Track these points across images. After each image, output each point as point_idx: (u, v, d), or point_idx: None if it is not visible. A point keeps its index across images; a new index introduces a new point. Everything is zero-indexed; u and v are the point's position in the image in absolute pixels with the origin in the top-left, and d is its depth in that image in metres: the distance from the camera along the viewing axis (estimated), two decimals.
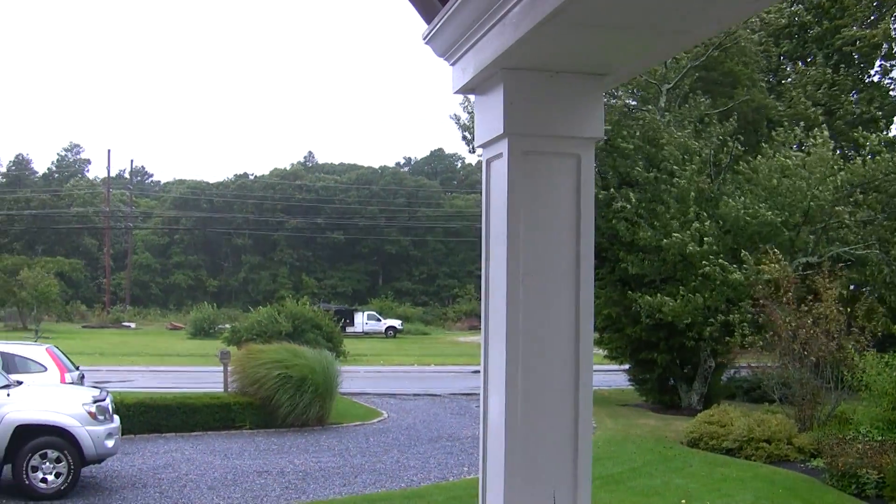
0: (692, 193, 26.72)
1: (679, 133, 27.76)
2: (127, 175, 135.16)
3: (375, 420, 26.95)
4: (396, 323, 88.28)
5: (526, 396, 3.83)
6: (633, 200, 27.11)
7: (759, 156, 27.99)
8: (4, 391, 16.26)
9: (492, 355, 3.99)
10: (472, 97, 4.46)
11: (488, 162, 4.13)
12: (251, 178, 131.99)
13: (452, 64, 4.33)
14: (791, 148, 29.12)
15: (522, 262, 3.83)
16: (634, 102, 31.18)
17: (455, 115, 34.94)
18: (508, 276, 3.83)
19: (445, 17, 4.05)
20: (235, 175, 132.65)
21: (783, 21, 36.65)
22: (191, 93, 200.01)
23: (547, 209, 3.90)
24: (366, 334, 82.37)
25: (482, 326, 4.15)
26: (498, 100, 3.94)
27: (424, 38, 4.39)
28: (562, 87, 3.95)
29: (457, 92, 4.43)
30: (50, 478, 15.95)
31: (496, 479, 3.91)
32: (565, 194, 3.94)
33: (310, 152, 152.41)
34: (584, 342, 3.95)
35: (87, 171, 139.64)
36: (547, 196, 3.91)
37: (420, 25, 4.44)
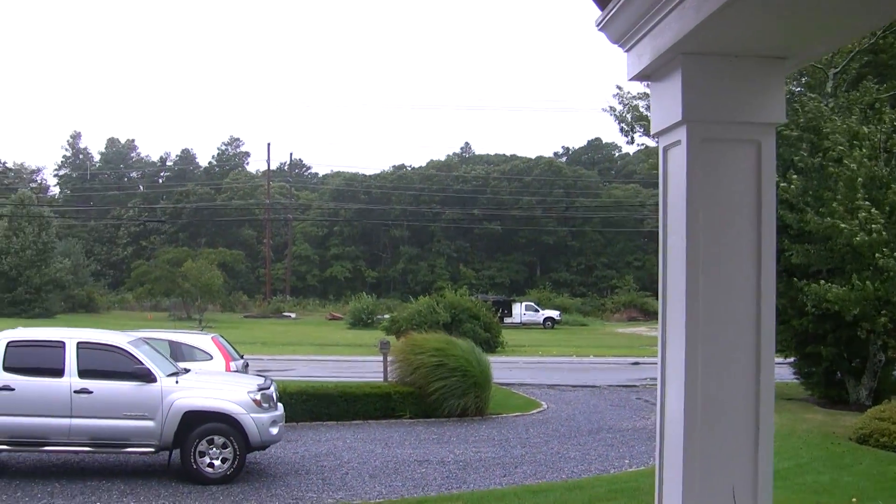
0: (859, 179, 25.84)
1: (846, 121, 26.85)
2: (286, 167, 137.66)
3: (535, 411, 26.87)
4: (554, 314, 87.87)
5: (705, 390, 3.74)
6: (797, 186, 26.36)
7: None
8: (173, 378, 16.67)
9: (670, 347, 3.92)
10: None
11: (665, 150, 4.04)
12: (409, 169, 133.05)
13: (627, 50, 4.26)
14: None
15: (702, 254, 3.74)
16: (799, 88, 30.32)
17: (610, 106, 34.48)
18: (688, 268, 3.75)
19: (621, 2, 3.99)
20: (393, 166, 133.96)
21: None
22: (348, 85, 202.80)
23: (727, 198, 3.80)
24: (524, 325, 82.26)
25: (659, 318, 4.08)
26: (676, 86, 3.86)
27: (598, 25, 4.33)
28: (741, 71, 3.85)
29: (632, 79, 4.35)
30: (217, 463, 16.30)
31: (674, 471, 3.83)
32: (745, 182, 3.84)
33: (466, 143, 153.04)
34: (766, 335, 3.84)
35: (247, 164, 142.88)
36: (727, 184, 3.81)
37: (591, 12, 4.38)
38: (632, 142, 36.00)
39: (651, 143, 34.55)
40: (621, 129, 33.86)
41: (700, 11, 3.43)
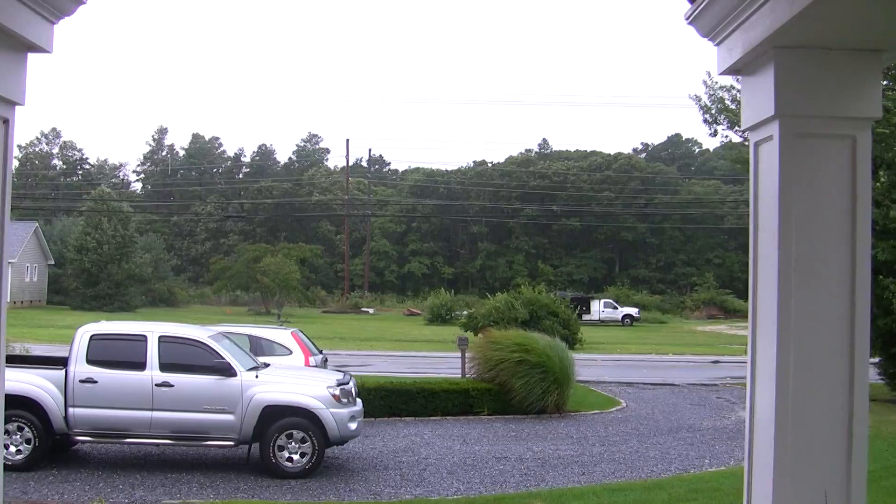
0: None
1: None
2: (365, 163, 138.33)
3: (614, 409, 26.68)
4: (633, 311, 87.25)
5: (797, 390, 3.65)
6: (884, 182, 25.86)
7: None
8: (253, 373, 16.80)
9: (760, 346, 3.83)
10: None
11: (756, 146, 3.95)
12: (488, 164, 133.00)
13: (717, 44, 4.17)
14: None
15: (794, 251, 3.65)
16: (886, 82, 29.73)
17: (696, 95, 34.00)
18: (780, 266, 3.65)
19: None
20: (472, 162, 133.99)
21: None
22: (427, 81, 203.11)
23: (820, 194, 3.70)
24: (602, 322, 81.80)
25: (750, 316, 3.99)
26: (768, 80, 3.76)
27: (687, 19, 4.24)
28: (836, 64, 3.74)
29: (722, 73, 4.26)
30: (295, 457, 16.40)
31: (764, 473, 3.75)
32: (840, 178, 3.73)
33: (544, 139, 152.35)
34: (860, 335, 3.74)
35: (326, 160, 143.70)
36: (820, 181, 3.71)
37: (676, 6, 4.30)
38: (715, 134, 35.44)
39: (735, 136, 34.11)
40: (705, 120, 33.39)
41: (794, 4, 3.34)
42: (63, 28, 3.85)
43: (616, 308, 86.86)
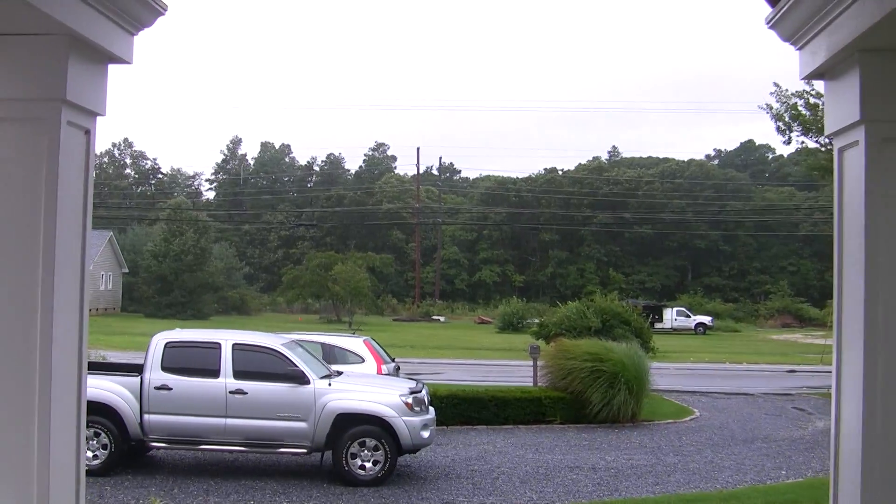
0: None
1: None
2: (435, 171, 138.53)
3: (687, 418, 26.41)
4: (706, 319, 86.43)
5: (886, 401, 3.55)
6: None
7: None
8: (326, 381, 16.86)
9: (847, 356, 3.73)
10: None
11: (840, 151, 3.86)
12: (559, 172, 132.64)
13: (799, 48, 4.09)
14: None
15: (882, 259, 3.55)
16: None
17: (767, 104, 33.65)
18: (867, 274, 3.56)
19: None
20: (543, 170, 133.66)
21: None
22: (497, 89, 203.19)
23: None
24: (674, 331, 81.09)
25: (835, 325, 3.89)
26: (853, 84, 3.67)
27: (768, 23, 4.17)
28: None
29: (805, 78, 4.17)
30: (368, 465, 16.42)
31: (851, 487, 3.65)
32: None
33: (614, 146, 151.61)
34: None
35: (395, 168, 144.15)
36: None
37: (751, 9, 4.23)
38: (788, 142, 35.09)
39: (810, 142, 33.65)
40: (777, 129, 33.01)
41: (882, 6, 3.25)
42: (141, 39, 3.89)
43: (689, 316, 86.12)
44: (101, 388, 16.29)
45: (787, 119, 32.73)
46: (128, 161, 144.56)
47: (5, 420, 3.39)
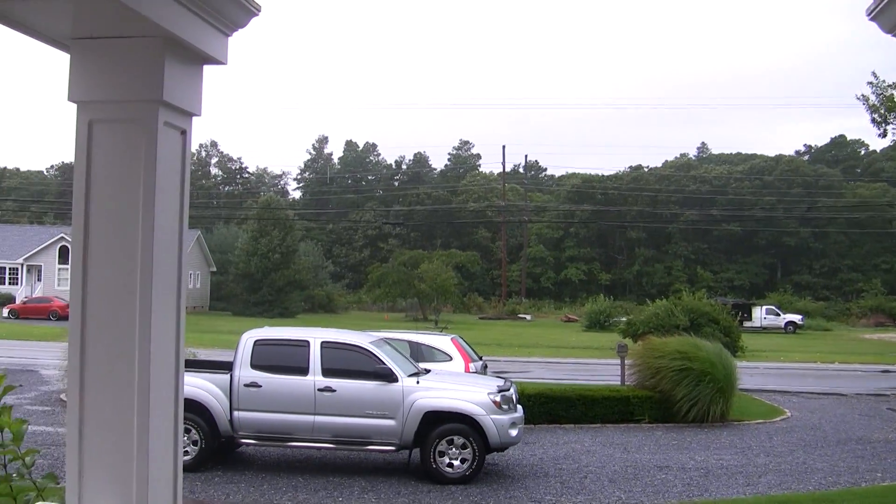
0: None
1: None
2: (521, 169, 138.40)
3: (778, 418, 26.01)
4: (796, 318, 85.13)
5: None
6: None
7: None
8: (414, 379, 16.89)
9: None
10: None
11: None
12: (645, 169, 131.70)
13: None
14: None
15: None
16: None
17: (863, 95, 32.97)
18: None
19: None
20: (629, 167, 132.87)
21: None
22: (582, 86, 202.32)
23: None
24: (764, 329, 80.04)
25: None
26: None
27: (869, 14, 4.06)
28: None
29: None
30: (456, 463, 16.42)
31: None
32: None
33: (703, 143, 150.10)
34: None
35: (480, 166, 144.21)
36: None
37: (850, 3, 4.12)
38: (884, 135, 34.38)
39: None
40: (873, 120, 32.36)
41: None
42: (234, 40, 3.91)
43: (778, 315, 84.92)
44: (192, 385, 16.49)
45: (882, 111, 32.11)
46: (213, 161, 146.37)
47: (106, 418, 3.44)
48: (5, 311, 73.43)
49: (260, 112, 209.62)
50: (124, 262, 3.44)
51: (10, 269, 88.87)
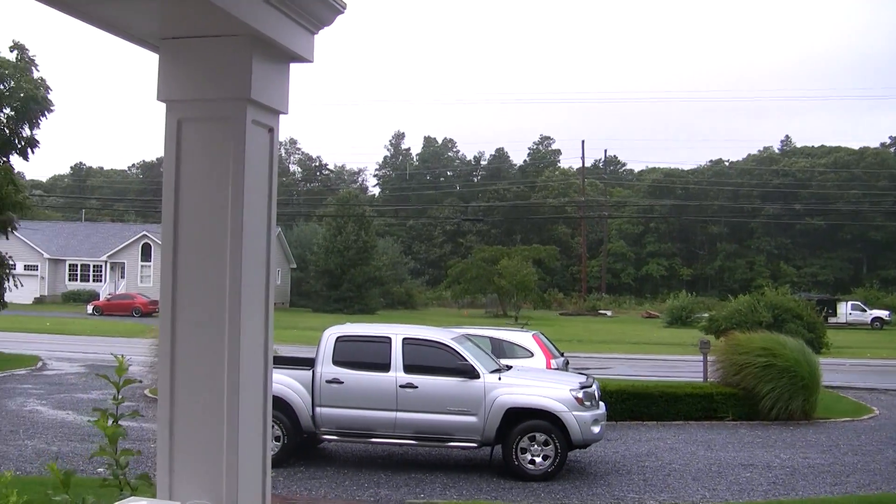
0: None
1: None
2: (601, 164, 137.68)
3: (866, 416, 25.53)
4: (883, 314, 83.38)
5: None
6: None
7: None
8: (495, 375, 16.86)
9: None
10: None
11: None
12: (726, 163, 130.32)
13: None
14: None
15: None
16: None
17: None
18: None
19: None
20: (710, 161, 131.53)
21: None
22: (660, 79, 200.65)
23: None
24: (849, 325, 78.72)
25: None
26: None
27: None
28: None
29: None
30: (538, 460, 16.36)
31: None
32: None
33: (787, 136, 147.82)
34: None
35: (560, 162, 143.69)
36: None
37: None
38: None
39: None
40: None
41: None
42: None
43: (864, 311, 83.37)
44: (275, 381, 16.42)
45: None
46: (293, 158, 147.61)
47: (196, 414, 3.47)
48: (90, 308, 74.87)
49: (336, 108, 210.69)
50: (214, 260, 3.46)
51: (94, 266, 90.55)
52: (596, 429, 16.62)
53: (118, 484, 4.21)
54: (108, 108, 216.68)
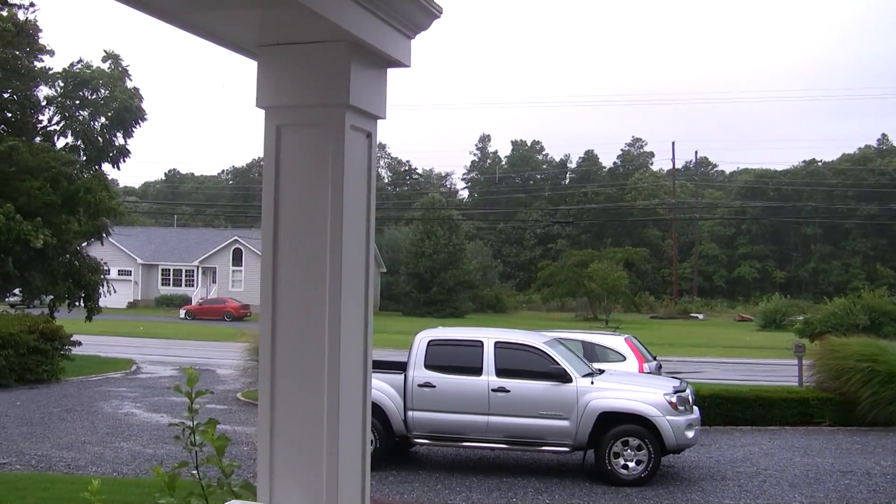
0: None
1: None
2: (691, 166, 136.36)
3: None
4: None
5: None
6: None
7: None
8: (588, 379, 16.79)
9: None
10: None
11: None
12: (820, 164, 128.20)
13: None
14: None
15: None
16: None
17: None
18: None
19: None
20: (803, 161, 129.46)
21: None
22: (752, 80, 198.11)
23: None
24: None
25: None
26: None
27: None
28: None
29: None
30: (631, 464, 16.25)
31: None
32: None
33: (883, 134, 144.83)
34: None
35: (651, 164, 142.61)
36: None
37: None
38: None
39: None
40: None
41: None
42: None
43: None
44: None
45: None
46: (382, 163, 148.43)
47: (296, 419, 3.49)
48: (182, 313, 76.09)
49: (421, 112, 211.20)
50: (313, 265, 3.48)
51: (186, 271, 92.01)
52: (690, 433, 16.45)
53: (223, 491, 4.29)
54: (199, 114, 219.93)
